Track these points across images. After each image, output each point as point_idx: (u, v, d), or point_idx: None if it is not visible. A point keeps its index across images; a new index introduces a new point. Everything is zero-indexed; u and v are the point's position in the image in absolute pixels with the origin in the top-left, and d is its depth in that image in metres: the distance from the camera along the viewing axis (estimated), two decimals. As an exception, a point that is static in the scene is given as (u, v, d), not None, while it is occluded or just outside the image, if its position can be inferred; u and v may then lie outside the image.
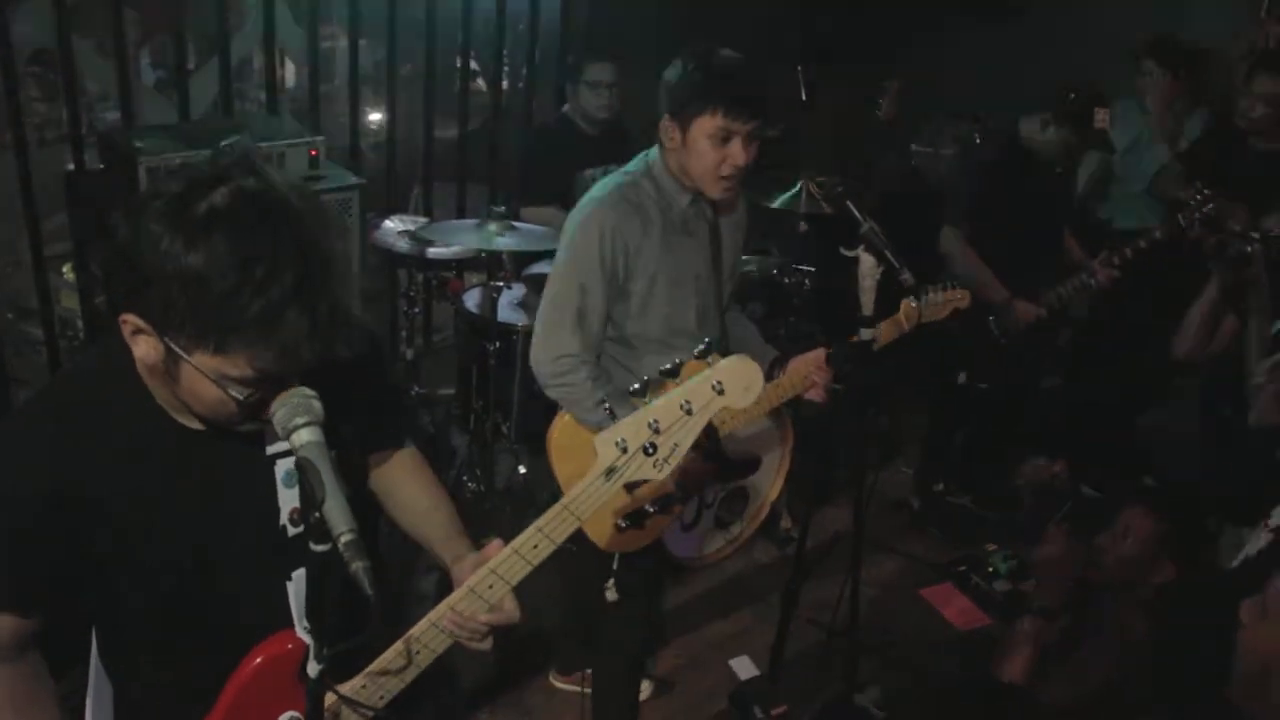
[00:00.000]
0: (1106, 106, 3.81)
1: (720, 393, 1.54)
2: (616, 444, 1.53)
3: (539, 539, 1.58)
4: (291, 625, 1.63)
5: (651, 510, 2.57)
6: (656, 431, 1.52)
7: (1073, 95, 3.82)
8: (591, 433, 2.44)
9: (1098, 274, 3.87)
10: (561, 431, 2.55)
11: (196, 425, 1.50)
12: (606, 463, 1.53)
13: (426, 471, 1.94)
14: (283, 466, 1.57)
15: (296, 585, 1.62)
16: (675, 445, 1.54)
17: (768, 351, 2.78)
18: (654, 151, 2.55)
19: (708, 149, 2.38)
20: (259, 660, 1.61)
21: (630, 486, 2.46)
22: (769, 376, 2.69)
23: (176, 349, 1.33)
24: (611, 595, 2.58)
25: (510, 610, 1.64)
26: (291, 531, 1.58)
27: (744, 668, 1.73)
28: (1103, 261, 3.86)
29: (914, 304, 2.74)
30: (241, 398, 1.35)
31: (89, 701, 1.78)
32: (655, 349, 2.56)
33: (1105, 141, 3.97)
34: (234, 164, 1.35)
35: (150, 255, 1.28)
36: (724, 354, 2.65)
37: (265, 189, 1.33)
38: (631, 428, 1.52)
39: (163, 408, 1.50)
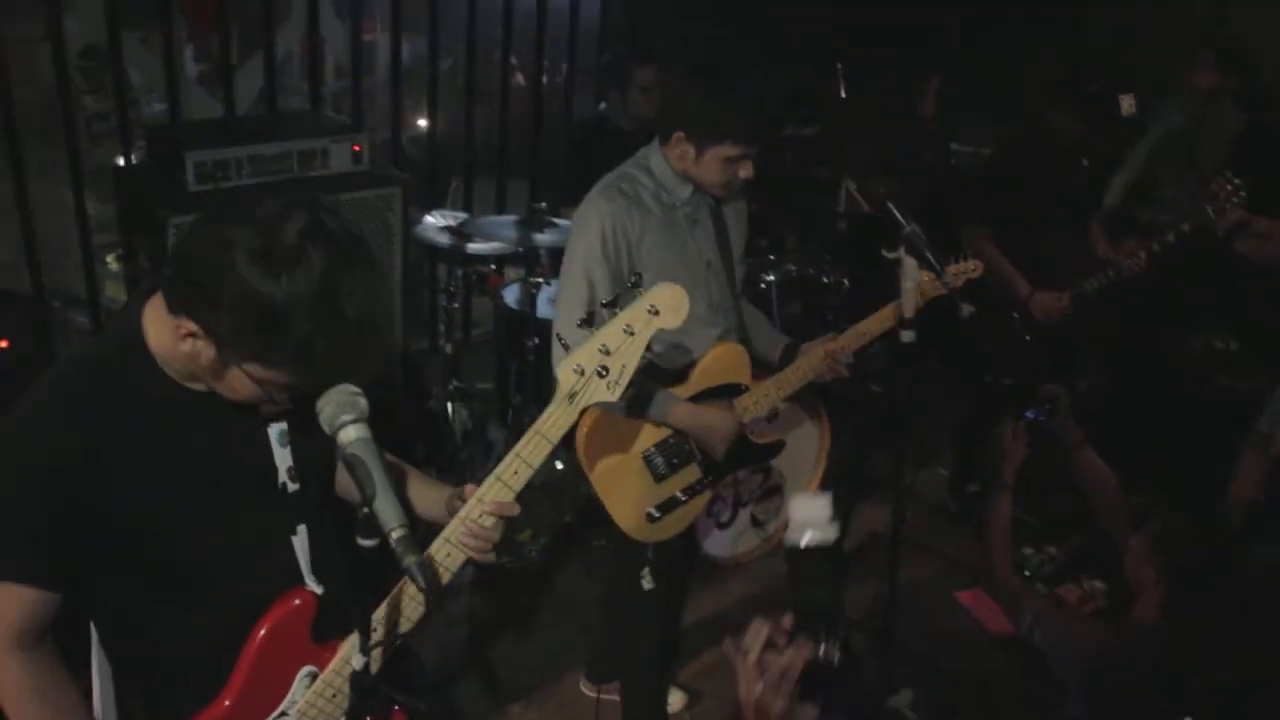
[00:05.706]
0: (1129, 92, 3.73)
1: (655, 314, 1.72)
2: (575, 370, 1.69)
3: (518, 465, 1.69)
4: (299, 581, 1.70)
5: (683, 498, 2.68)
6: (607, 354, 1.68)
7: (1094, 87, 3.77)
8: (618, 418, 2.58)
9: (1122, 267, 3.76)
10: (592, 428, 2.58)
11: (199, 387, 1.59)
12: (568, 388, 1.69)
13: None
14: (275, 428, 1.67)
15: (301, 540, 1.70)
16: (623, 366, 1.71)
17: (778, 339, 2.90)
18: (653, 150, 2.65)
19: (720, 168, 2.55)
20: (271, 623, 1.65)
21: (659, 477, 2.61)
22: (781, 364, 2.80)
23: (232, 359, 1.45)
24: (648, 583, 2.72)
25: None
26: (291, 489, 1.69)
27: None
28: (1128, 254, 3.78)
29: (931, 277, 2.70)
30: (282, 400, 1.51)
31: (95, 693, 1.81)
32: (671, 336, 2.59)
33: (1138, 126, 3.86)
34: (305, 204, 1.44)
35: (229, 283, 1.37)
36: (743, 341, 2.79)
37: (336, 238, 1.42)
38: (586, 354, 1.69)
39: (173, 378, 1.58)
